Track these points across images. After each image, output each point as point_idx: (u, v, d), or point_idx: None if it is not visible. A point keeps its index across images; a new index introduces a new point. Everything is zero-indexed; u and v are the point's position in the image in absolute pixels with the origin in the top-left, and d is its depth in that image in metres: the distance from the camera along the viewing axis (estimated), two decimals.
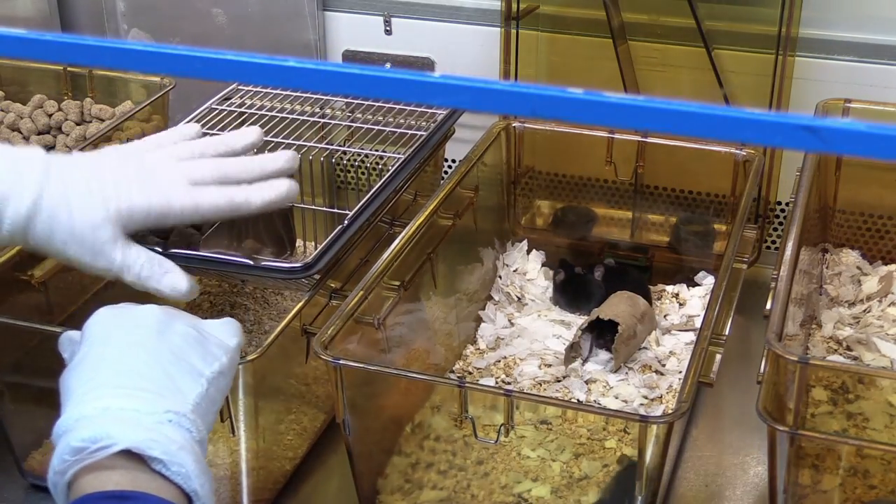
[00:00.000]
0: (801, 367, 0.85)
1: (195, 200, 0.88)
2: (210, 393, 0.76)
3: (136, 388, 0.72)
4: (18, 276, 1.04)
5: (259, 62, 0.49)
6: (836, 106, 1.20)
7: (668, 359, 1.12)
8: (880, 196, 1.23)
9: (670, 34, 1.28)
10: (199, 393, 0.75)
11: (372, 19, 1.42)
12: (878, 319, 1.13)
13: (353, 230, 1.01)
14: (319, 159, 1.17)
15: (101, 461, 0.68)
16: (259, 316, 1.18)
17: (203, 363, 0.77)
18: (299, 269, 0.95)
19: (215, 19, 1.47)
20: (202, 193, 0.89)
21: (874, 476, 0.89)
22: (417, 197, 1.19)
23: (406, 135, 1.18)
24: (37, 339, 0.98)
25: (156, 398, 0.72)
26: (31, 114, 1.35)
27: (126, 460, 0.69)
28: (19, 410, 1.03)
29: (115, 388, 0.73)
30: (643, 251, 1.30)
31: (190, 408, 0.73)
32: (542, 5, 1.32)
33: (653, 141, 1.25)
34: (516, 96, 0.46)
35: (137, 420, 0.70)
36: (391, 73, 0.48)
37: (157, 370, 0.74)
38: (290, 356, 1.00)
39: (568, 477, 0.91)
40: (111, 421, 0.70)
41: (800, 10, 1.20)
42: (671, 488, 1.03)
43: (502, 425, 0.88)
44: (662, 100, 0.44)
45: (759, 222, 1.29)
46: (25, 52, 0.51)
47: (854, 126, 0.42)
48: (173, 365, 0.75)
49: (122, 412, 0.70)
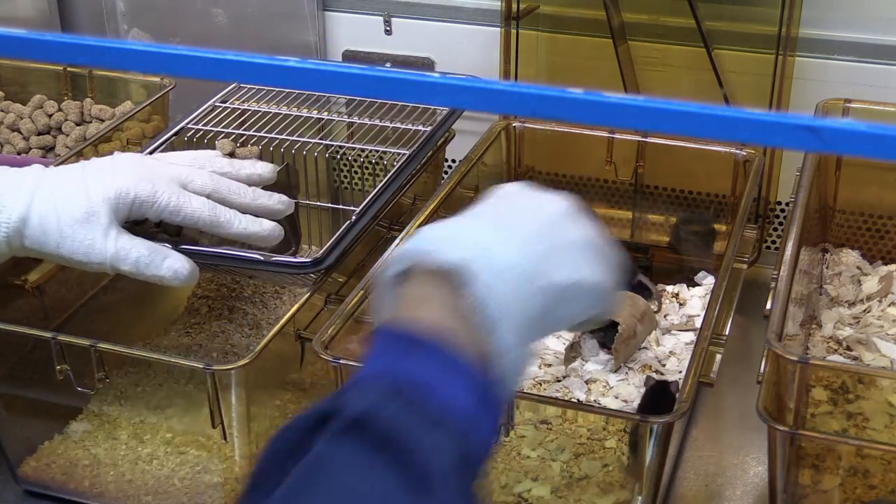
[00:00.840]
0: (801, 367, 0.85)
1: (180, 202, 0.90)
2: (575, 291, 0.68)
3: (495, 227, 0.67)
4: (12, 281, 1.04)
5: (259, 62, 0.49)
6: (836, 106, 1.20)
7: (668, 359, 1.12)
8: (880, 196, 1.23)
9: (670, 34, 1.28)
10: (565, 279, 0.68)
11: (372, 19, 1.42)
12: (878, 319, 1.13)
13: (361, 226, 1.01)
14: (324, 156, 1.17)
15: (425, 270, 0.64)
16: (257, 320, 1.18)
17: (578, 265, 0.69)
18: (309, 265, 0.96)
19: (215, 19, 1.47)
20: (189, 199, 0.91)
21: (874, 476, 0.89)
22: (416, 201, 1.19)
23: (407, 133, 1.18)
24: (31, 345, 0.98)
25: (506, 245, 0.66)
26: (31, 114, 1.35)
27: (445, 279, 0.64)
28: (13, 416, 1.02)
29: (474, 215, 0.69)
30: (643, 251, 1.29)
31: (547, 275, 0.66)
32: (542, 5, 1.32)
33: (653, 141, 1.25)
34: (516, 96, 0.46)
35: (478, 243, 0.65)
36: (391, 73, 0.48)
37: (531, 236, 0.68)
38: (284, 361, 0.99)
39: (568, 477, 0.91)
40: (450, 236, 0.66)
41: (800, 10, 1.20)
42: (671, 488, 1.03)
43: (502, 425, 0.88)
44: (662, 100, 0.44)
45: (759, 222, 1.29)
46: (25, 52, 0.51)
47: (854, 126, 0.42)
48: (550, 241, 0.69)
49: (466, 231, 0.67)
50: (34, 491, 1.03)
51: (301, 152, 1.16)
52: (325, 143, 1.18)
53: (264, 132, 1.18)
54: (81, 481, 1.01)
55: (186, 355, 1.12)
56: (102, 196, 0.88)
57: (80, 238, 0.87)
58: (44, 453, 1.03)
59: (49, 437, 1.03)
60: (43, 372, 0.96)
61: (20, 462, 1.03)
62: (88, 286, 1.13)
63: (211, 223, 0.92)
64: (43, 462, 1.02)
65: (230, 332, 1.16)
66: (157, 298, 1.23)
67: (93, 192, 0.88)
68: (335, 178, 1.40)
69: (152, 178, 0.90)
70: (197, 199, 0.92)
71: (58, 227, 0.86)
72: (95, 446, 1.01)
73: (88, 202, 0.87)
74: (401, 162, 1.12)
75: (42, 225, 0.86)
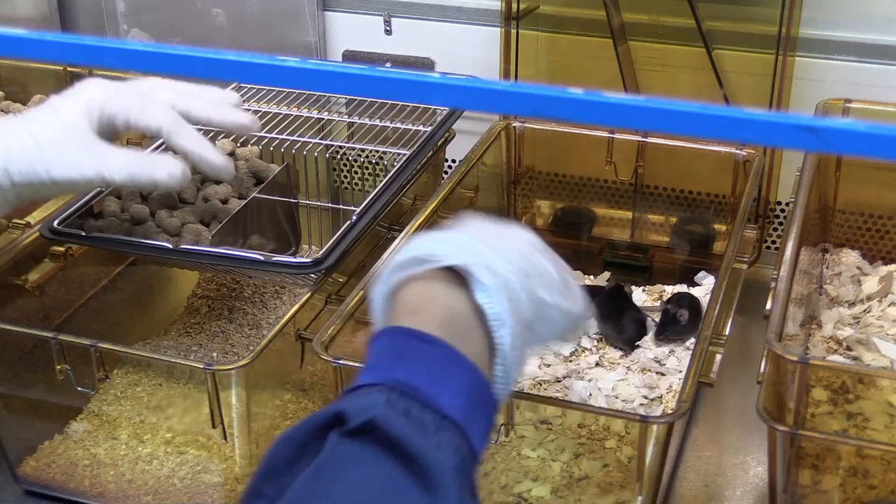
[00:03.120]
0: (801, 367, 0.85)
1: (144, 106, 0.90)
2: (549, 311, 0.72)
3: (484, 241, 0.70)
4: (13, 281, 1.04)
5: (259, 62, 0.49)
6: (836, 106, 1.20)
7: (668, 359, 1.12)
8: (880, 196, 1.23)
9: (670, 34, 1.28)
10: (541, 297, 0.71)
11: (372, 19, 1.42)
12: (878, 319, 1.13)
13: (361, 226, 1.01)
14: (324, 156, 1.17)
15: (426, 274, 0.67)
16: (257, 320, 1.18)
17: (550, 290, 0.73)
18: (309, 265, 0.96)
19: (215, 19, 1.47)
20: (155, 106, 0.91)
21: (874, 476, 0.89)
22: (416, 201, 1.19)
23: (407, 133, 1.18)
24: (31, 345, 0.98)
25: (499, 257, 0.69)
26: None
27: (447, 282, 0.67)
28: (13, 416, 1.02)
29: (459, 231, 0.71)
30: (643, 251, 1.30)
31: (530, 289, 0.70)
32: (542, 5, 1.32)
33: (653, 141, 1.25)
34: (516, 96, 0.46)
35: (473, 250, 0.68)
36: (391, 73, 0.48)
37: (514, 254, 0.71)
38: (284, 361, 0.99)
39: (568, 477, 0.91)
40: (447, 243, 0.68)
41: (800, 10, 1.20)
42: (671, 488, 1.03)
43: (502, 425, 0.88)
44: (662, 100, 0.44)
45: (759, 222, 1.29)
46: (25, 52, 0.51)
47: (854, 126, 0.42)
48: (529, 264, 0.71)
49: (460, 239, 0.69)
50: (34, 491, 1.03)
51: (301, 152, 1.16)
52: (325, 143, 1.18)
53: (264, 132, 1.18)
54: (81, 481, 1.01)
55: (186, 355, 1.12)
56: (73, 112, 0.88)
57: (66, 158, 0.86)
58: (44, 453, 1.03)
59: (49, 437, 1.03)
60: (43, 372, 0.96)
61: (20, 462, 1.03)
62: (88, 286, 1.13)
63: (170, 132, 0.91)
64: (43, 462, 1.02)
65: (230, 332, 1.16)
66: (157, 298, 1.23)
67: (63, 112, 0.88)
68: (335, 178, 1.40)
69: (117, 88, 0.91)
70: (162, 107, 0.91)
71: (39, 153, 0.86)
72: (95, 446, 1.01)
73: (61, 121, 0.87)
74: (401, 162, 1.12)
75: (26, 156, 0.85)
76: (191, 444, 0.99)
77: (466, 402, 0.61)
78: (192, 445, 0.99)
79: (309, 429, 0.59)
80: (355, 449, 0.57)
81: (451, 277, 0.67)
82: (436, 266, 0.67)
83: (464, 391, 0.62)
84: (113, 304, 1.15)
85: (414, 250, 0.68)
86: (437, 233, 0.72)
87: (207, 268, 1.00)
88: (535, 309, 0.70)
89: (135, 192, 1.07)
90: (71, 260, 1.08)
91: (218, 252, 0.97)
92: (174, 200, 1.05)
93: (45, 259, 1.07)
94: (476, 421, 0.62)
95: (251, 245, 1.05)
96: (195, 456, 0.98)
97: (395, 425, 0.57)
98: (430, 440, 0.58)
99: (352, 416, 0.57)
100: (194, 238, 1.00)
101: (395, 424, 0.57)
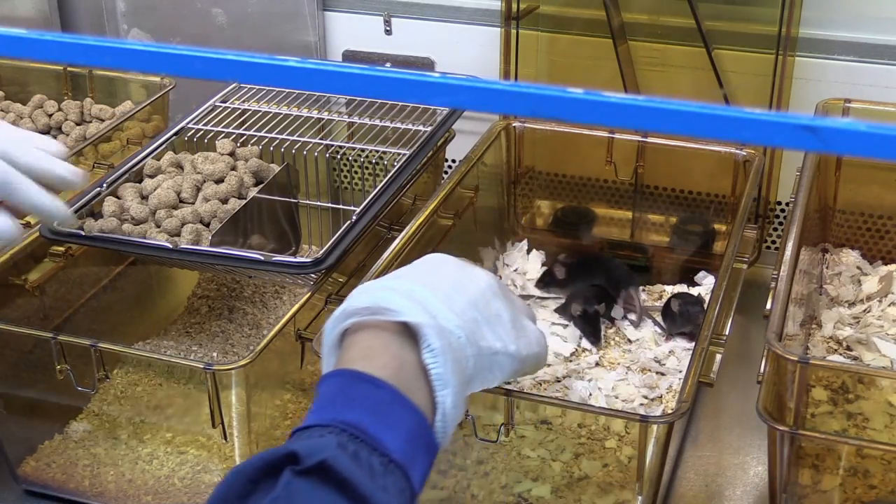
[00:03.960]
0: (801, 367, 0.85)
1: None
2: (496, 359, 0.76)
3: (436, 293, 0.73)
4: (13, 281, 1.04)
5: (259, 62, 0.49)
6: (836, 106, 1.20)
7: (668, 359, 1.12)
8: (880, 196, 1.23)
9: (670, 34, 1.28)
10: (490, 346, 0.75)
11: (372, 19, 1.42)
12: (878, 319, 1.13)
13: (361, 226, 1.01)
14: (324, 156, 1.17)
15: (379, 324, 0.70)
16: (258, 320, 1.18)
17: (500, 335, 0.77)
18: (309, 265, 0.96)
19: (215, 19, 1.47)
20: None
21: (874, 476, 0.89)
22: (416, 201, 1.19)
23: (407, 133, 1.18)
24: (31, 345, 0.98)
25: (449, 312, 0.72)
26: (31, 114, 1.35)
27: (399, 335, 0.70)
28: (13, 416, 1.02)
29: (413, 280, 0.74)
30: (643, 251, 1.29)
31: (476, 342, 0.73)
32: (542, 5, 1.32)
33: (653, 141, 1.25)
34: (516, 96, 0.46)
35: (426, 305, 0.71)
36: (391, 73, 0.48)
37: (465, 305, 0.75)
38: (284, 361, 0.99)
39: (568, 477, 0.91)
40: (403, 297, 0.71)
41: (800, 10, 1.20)
42: (671, 488, 1.03)
43: (503, 425, 0.88)
44: (662, 100, 0.44)
45: (759, 222, 1.29)
46: (25, 52, 0.51)
47: (854, 126, 0.42)
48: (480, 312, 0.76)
49: (415, 292, 0.72)
50: (34, 491, 1.03)
51: (301, 152, 1.16)
52: (325, 143, 1.18)
53: (264, 132, 1.18)
54: (81, 481, 1.01)
55: (186, 355, 1.12)
56: None
57: None
58: (44, 453, 1.03)
59: (49, 437, 1.03)
60: (43, 372, 0.96)
61: (20, 462, 1.03)
62: (88, 286, 1.13)
63: (3, 186, 0.85)
64: (43, 462, 1.02)
65: (230, 332, 1.16)
66: (157, 298, 1.23)
67: None
68: (335, 178, 1.40)
69: None
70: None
71: None
72: (95, 446, 1.01)
73: None
74: (401, 162, 1.12)
75: None
76: (191, 444, 0.99)
77: (411, 446, 0.66)
78: (192, 445, 0.99)
79: (261, 466, 0.62)
80: (308, 486, 0.61)
81: (403, 331, 0.71)
82: (392, 319, 0.70)
83: (409, 436, 0.66)
84: (113, 304, 1.15)
85: (370, 299, 0.71)
86: (393, 280, 0.75)
87: (207, 268, 1.00)
88: (480, 361, 0.74)
89: (135, 192, 1.07)
90: (71, 260, 1.08)
91: (218, 252, 0.97)
92: (174, 200, 1.05)
93: (45, 259, 1.07)
94: (418, 464, 0.66)
95: (251, 245, 1.05)
96: (195, 456, 0.98)
97: (345, 467, 0.61)
98: (378, 483, 0.62)
99: (305, 457, 0.61)
100: (194, 238, 1.00)
101: (346, 466, 0.61)
